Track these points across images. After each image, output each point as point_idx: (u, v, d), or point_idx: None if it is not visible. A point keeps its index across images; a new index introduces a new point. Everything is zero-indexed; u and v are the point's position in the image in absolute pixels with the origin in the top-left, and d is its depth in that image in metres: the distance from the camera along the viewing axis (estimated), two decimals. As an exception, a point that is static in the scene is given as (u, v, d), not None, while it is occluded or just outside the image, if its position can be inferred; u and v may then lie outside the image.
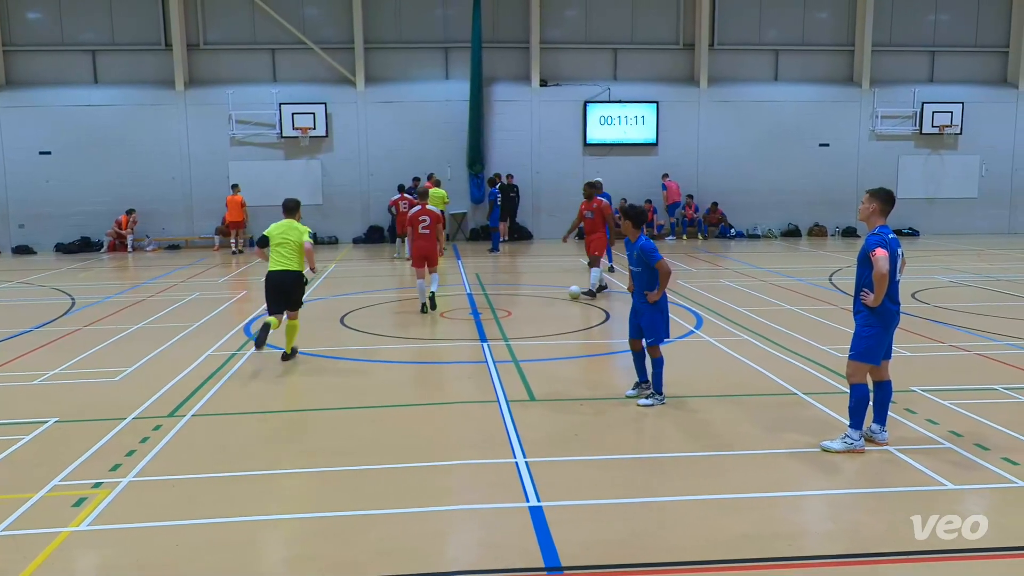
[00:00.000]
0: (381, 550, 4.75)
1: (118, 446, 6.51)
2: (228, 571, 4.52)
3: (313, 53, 24.09)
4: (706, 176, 25.35)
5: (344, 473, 5.98)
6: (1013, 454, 6.10)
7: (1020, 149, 26.14)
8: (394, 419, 7.29)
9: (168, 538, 4.93)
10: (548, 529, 4.94)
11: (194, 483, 5.82)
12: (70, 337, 11.00)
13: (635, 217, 7.57)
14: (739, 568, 4.51)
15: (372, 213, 24.64)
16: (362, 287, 15.47)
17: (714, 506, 5.34)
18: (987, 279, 15.66)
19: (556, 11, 24.85)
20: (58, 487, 5.68)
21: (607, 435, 6.78)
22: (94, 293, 15.08)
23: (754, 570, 4.50)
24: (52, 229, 23.55)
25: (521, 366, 9.07)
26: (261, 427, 7.15)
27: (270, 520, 5.20)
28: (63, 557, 4.71)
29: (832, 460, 6.09)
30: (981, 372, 8.61)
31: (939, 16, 25.88)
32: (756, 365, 8.98)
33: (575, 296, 13.32)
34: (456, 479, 5.87)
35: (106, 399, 7.91)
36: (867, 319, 6.21)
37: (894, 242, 6.23)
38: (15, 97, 23.36)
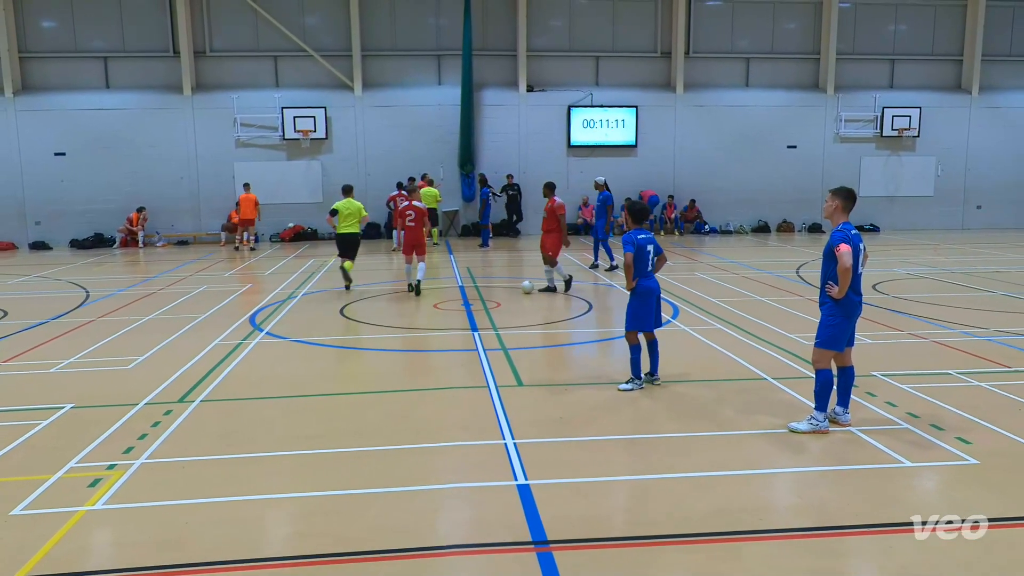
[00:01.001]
0: (378, 526, 4.75)
1: (131, 430, 6.49)
2: (234, 546, 4.51)
3: (313, 60, 23.97)
4: (682, 176, 25.40)
5: (342, 454, 5.98)
6: (966, 434, 6.16)
7: (973, 151, 26.31)
8: (390, 404, 7.29)
9: (178, 516, 4.92)
10: (535, 506, 4.96)
11: (202, 464, 5.80)
12: (85, 328, 10.94)
13: (634, 213, 7.65)
14: (713, 541, 4.54)
15: (370, 210, 24.31)
16: (360, 280, 15.43)
17: (689, 483, 5.37)
18: (942, 272, 15.77)
19: (542, 21, 24.80)
20: (74, 469, 5.65)
21: (590, 418, 6.80)
22: (107, 286, 14.99)
23: (727, 543, 4.52)
24: (67, 226, 23.40)
25: (510, 353, 9.08)
26: (265, 412, 7.13)
27: (273, 499, 5.19)
28: (80, 534, 4.69)
29: (799, 440, 6.12)
30: (936, 358, 8.68)
31: (898, 27, 25.98)
32: (729, 352, 9.02)
33: (527, 291, 13.10)
34: (448, 460, 5.88)
35: (119, 386, 7.88)
36: (831, 309, 6.25)
37: (856, 238, 6.26)
38: (31, 101, 23.15)
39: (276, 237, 24.05)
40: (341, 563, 4.34)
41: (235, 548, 4.50)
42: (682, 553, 4.42)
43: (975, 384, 7.59)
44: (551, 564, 4.26)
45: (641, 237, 7.48)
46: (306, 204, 24.35)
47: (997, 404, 6.94)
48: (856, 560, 4.40)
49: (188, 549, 4.48)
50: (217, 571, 4.26)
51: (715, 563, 4.30)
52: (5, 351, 9.51)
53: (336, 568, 4.29)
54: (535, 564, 4.27)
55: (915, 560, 4.28)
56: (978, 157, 26.32)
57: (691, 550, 4.45)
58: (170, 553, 4.43)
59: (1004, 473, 5.44)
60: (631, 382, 7.50)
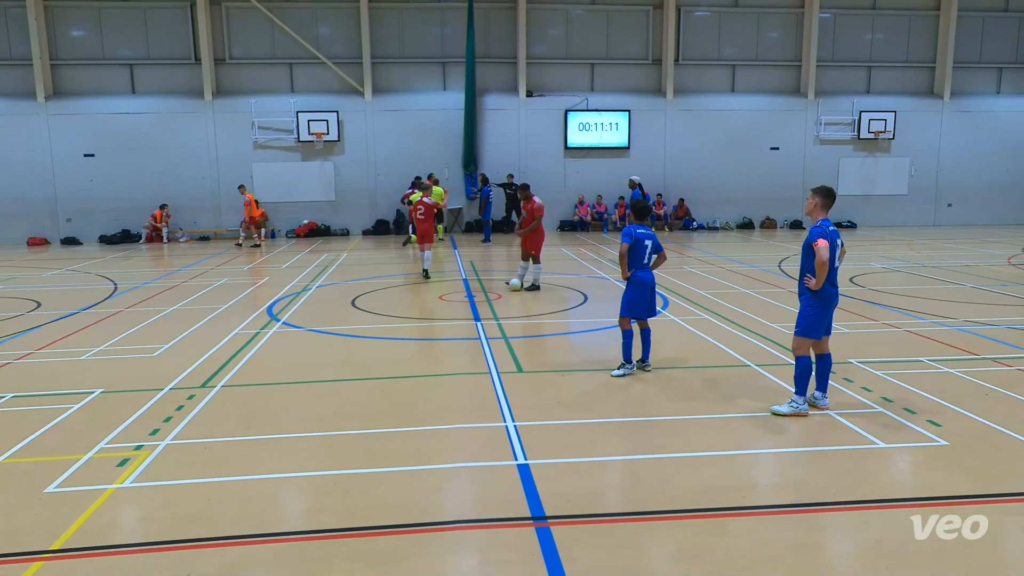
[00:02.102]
0: (386, 503, 4.76)
1: (157, 413, 6.50)
2: (253, 521, 4.52)
3: (326, 67, 23.90)
4: (672, 176, 25.36)
5: (354, 436, 5.98)
6: (936, 417, 6.16)
7: (944, 152, 26.26)
8: (398, 389, 7.29)
9: (201, 493, 4.93)
10: (534, 483, 4.96)
11: (223, 445, 5.81)
12: (113, 318, 10.94)
13: (637, 210, 7.67)
14: (700, 516, 4.55)
15: (379, 208, 24.55)
16: (371, 273, 15.43)
17: (679, 463, 5.38)
18: (915, 265, 15.75)
19: (540, 30, 24.71)
20: (104, 449, 5.66)
21: (585, 401, 6.80)
22: (134, 279, 14.98)
23: (713, 518, 4.53)
24: (96, 222, 23.40)
25: (510, 342, 9.08)
26: (282, 396, 7.14)
27: (290, 477, 5.20)
28: (109, 510, 4.70)
29: (780, 422, 6.13)
30: (909, 346, 8.68)
31: (875, 35, 25.88)
32: (715, 340, 9.02)
33: (515, 288, 12.59)
34: (452, 441, 5.88)
35: (146, 372, 7.88)
36: (809, 300, 6.26)
37: (834, 234, 6.25)
38: (62, 106, 23.11)
39: (292, 233, 24.03)
40: (352, 537, 4.35)
41: (254, 523, 4.51)
42: (671, 528, 4.43)
43: (945, 370, 7.59)
44: (549, 538, 4.27)
45: (640, 232, 7.47)
46: (320, 202, 24.33)
47: (965, 389, 6.94)
48: (834, 534, 4.40)
49: (210, 524, 4.50)
50: (237, 544, 4.27)
51: (702, 537, 4.31)
52: (39, 340, 9.52)
53: (348, 542, 4.30)
54: (534, 538, 4.28)
55: (889, 535, 4.29)
56: (949, 158, 26.27)
57: (680, 525, 4.45)
58: (193, 527, 4.44)
59: (971, 453, 5.45)
60: (622, 367, 7.51)
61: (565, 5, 24.63)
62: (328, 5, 23.84)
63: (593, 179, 25.14)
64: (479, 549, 4.26)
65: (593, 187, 25.18)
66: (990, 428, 5.92)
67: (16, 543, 4.29)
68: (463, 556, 4.20)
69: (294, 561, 4.10)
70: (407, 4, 24.07)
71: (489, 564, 4.07)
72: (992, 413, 6.23)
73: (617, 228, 24.27)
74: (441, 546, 4.27)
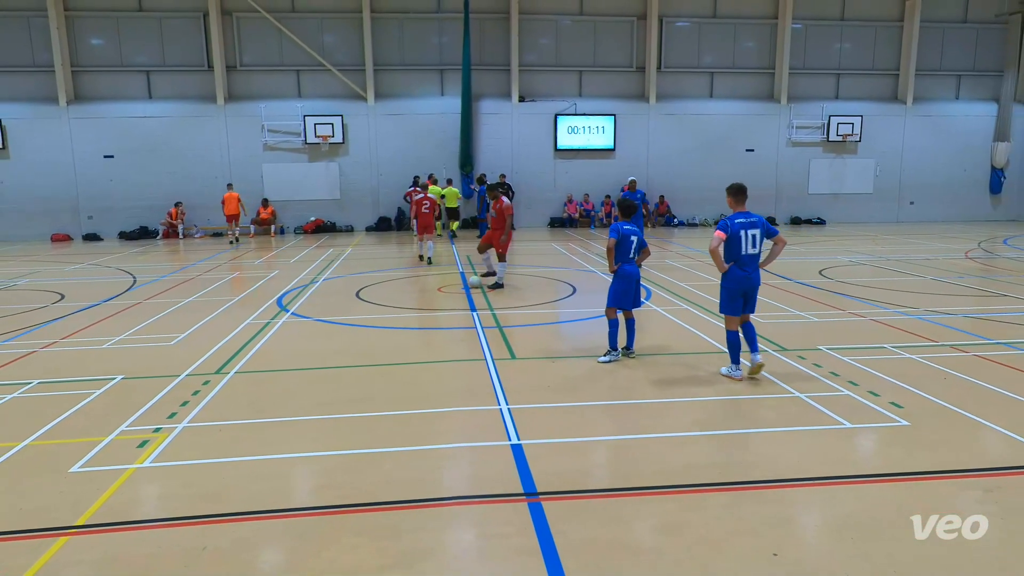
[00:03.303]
0: (390, 480, 4.77)
1: (174, 398, 6.48)
2: (266, 498, 4.52)
3: (331, 74, 23.78)
4: (654, 175, 25.37)
5: (359, 419, 5.98)
6: (898, 399, 6.20)
7: (907, 154, 26.35)
8: (400, 374, 7.29)
9: (216, 472, 4.92)
10: (526, 462, 4.98)
11: (236, 427, 5.80)
12: (132, 309, 10.89)
13: (623, 208, 7.68)
14: (682, 492, 4.57)
15: (381, 206, 24.48)
16: (374, 267, 15.39)
17: (662, 442, 5.40)
18: (879, 259, 15.81)
19: (532, 39, 24.63)
20: (125, 432, 5.65)
21: (575, 386, 6.81)
22: (152, 272, 14.91)
23: (694, 493, 4.55)
24: (115, 220, 23.28)
25: (504, 331, 9.09)
26: (291, 382, 7.13)
27: (299, 457, 5.20)
28: (131, 488, 4.70)
29: (754, 405, 6.16)
30: (874, 334, 8.72)
31: (843, 45, 25.90)
32: (694, 329, 9.04)
33: (476, 286, 12.17)
34: (450, 423, 5.89)
35: (163, 359, 7.86)
36: (722, 282, 6.76)
37: (736, 226, 6.59)
38: (83, 110, 22.94)
39: (299, 229, 23.95)
40: (359, 512, 4.35)
41: (267, 499, 4.51)
42: (655, 502, 4.45)
43: (907, 356, 7.63)
44: (540, 513, 4.28)
45: (627, 228, 7.49)
46: (325, 200, 24.24)
47: (925, 373, 6.98)
48: (804, 508, 4.43)
49: (226, 501, 4.49)
50: (252, 519, 4.27)
51: (684, 511, 4.33)
52: (63, 329, 9.47)
53: (355, 516, 4.31)
54: (527, 513, 4.30)
55: (855, 508, 4.32)
56: (912, 160, 26.36)
57: (663, 500, 4.47)
58: (210, 504, 4.44)
59: (931, 432, 5.49)
60: (609, 354, 7.52)
61: (555, 16, 24.55)
62: (333, 15, 23.70)
63: (581, 179, 25.13)
64: (476, 523, 4.27)
65: (581, 186, 25.18)
66: (948, 409, 5.96)
67: (44, 519, 4.28)
68: (461, 530, 4.21)
69: (303, 535, 4.11)
70: (407, 15, 23.94)
71: (485, 537, 4.09)
72: (949, 395, 6.28)
73: (604, 224, 24.28)
74: (440, 520, 4.28)
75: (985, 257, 16.14)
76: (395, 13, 23.84)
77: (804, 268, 14.45)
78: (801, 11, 25.17)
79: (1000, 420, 5.68)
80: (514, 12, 23.84)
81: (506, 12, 24.11)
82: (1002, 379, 6.75)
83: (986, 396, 6.30)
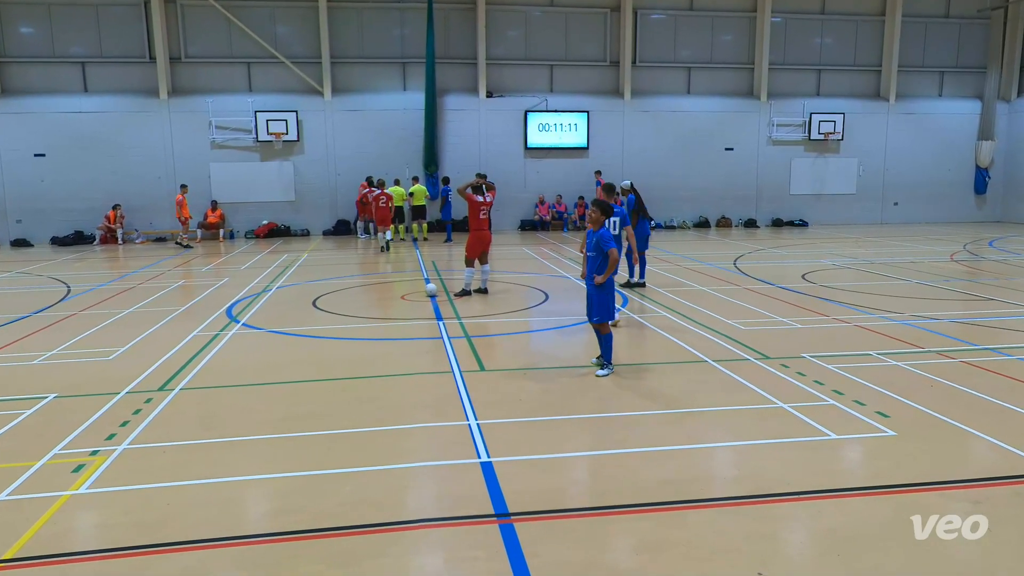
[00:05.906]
0: (351, 503, 4.71)
1: (113, 417, 6.34)
2: (215, 525, 4.44)
3: (285, 66, 23.57)
4: (630, 175, 25.41)
5: (316, 437, 5.90)
6: (885, 408, 6.32)
7: (891, 153, 26.99)
8: (361, 389, 7.23)
9: (160, 498, 4.82)
10: (497, 481, 4.96)
11: (182, 449, 5.69)
12: (67, 321, 10.63)
13: (605, 209, 7.66)
14: (661, 509, 4.59)
15: (339, 208, 24.31)
16: (332, 273, 15.26)
17: (639, 457, 5.42)
18: (863, 262, 16.15)
19: (500, 31, 24.72)
20: (58, 455, 5.50)
21: (547, 399, 6.82)
22: (88, 281, 14.58)
23: (673, 511, 4.58)
24: (47, 224, 22.74)
25: (472, 341, 9.07)
26: (242, 398, 7.02)
27: (253, 479, 5.11)
28: (64, 517, 4.57)
29: (736, 417, 6.23)
30: (859, 341, 8.87)
31: (824, 40, 26.47)
32: (673, 337, 9.12)
33: (431, 293, 11.96)
34: (416, 440, 5.85)
35: (101, 375, 7.68)
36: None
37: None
38: (11, 104, 22.39)
39: (251, 234, 23.65)
40: (317, 538, 4.30)
41: (216, 526, 4.42)
42: (633, 521, 4.47)
43: (892, 363, 7.78)
44: (512, 535, 4.27)
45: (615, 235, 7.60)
46: (279, 202, 24.00)
47: (911, 381, 7.13)
48: (789, 523, 4.49)
49: (170, 529, 4.40)
50: (199, 548, 4.18)
51: (663, 529, 4.36)
52: (-12, 344, 9.21)
53: (313, 543, 4.25)
54: (498, 535, 4.28)
55: (841, 523, 4.39)
56: (895, 158, 27.01)
57: (641, 518, 4.49)
58: (153, 533, 4.34)
59: (918, 443, 5.61)
60: (605, 367, 7.51)
61: (524, 7, 24.69)
62: (286, 4, 23.52)
63: (553, 179, 25.26)
64: (443, 547, 4.24)
65: (553, 187, 25.31)
66: (935, 418, 6.10)
67: (-34, 553, 4.14)
68: (428, 555, 4.18)
69: (255, 564, 4.04)
70: (366, 4, 23.86)
71: (453, 562, 4.06)
72: (937, 404, 6.42)
73: (577, 227, 24.40)
74: (405, 545, 4.24)
75: (971, 260, 16.58)
76: (354, 2, 23.75)
77: (786, 272, 14.69)
78: (780, 4, 25.67)
79: (988, 429, 5.82)
80: (481, 2, 23.91)
81: (473, 2, 24.17)
82: (990, 386, 6.93)
83: (973, 404, 6.45)
